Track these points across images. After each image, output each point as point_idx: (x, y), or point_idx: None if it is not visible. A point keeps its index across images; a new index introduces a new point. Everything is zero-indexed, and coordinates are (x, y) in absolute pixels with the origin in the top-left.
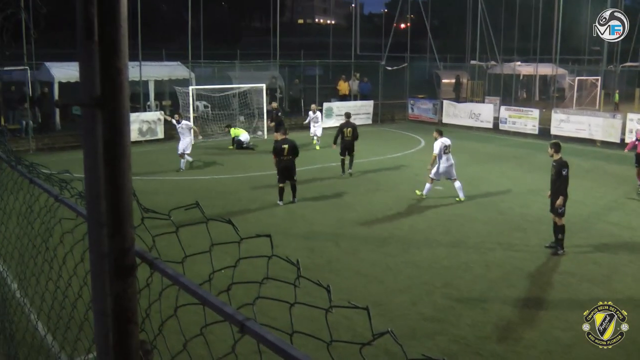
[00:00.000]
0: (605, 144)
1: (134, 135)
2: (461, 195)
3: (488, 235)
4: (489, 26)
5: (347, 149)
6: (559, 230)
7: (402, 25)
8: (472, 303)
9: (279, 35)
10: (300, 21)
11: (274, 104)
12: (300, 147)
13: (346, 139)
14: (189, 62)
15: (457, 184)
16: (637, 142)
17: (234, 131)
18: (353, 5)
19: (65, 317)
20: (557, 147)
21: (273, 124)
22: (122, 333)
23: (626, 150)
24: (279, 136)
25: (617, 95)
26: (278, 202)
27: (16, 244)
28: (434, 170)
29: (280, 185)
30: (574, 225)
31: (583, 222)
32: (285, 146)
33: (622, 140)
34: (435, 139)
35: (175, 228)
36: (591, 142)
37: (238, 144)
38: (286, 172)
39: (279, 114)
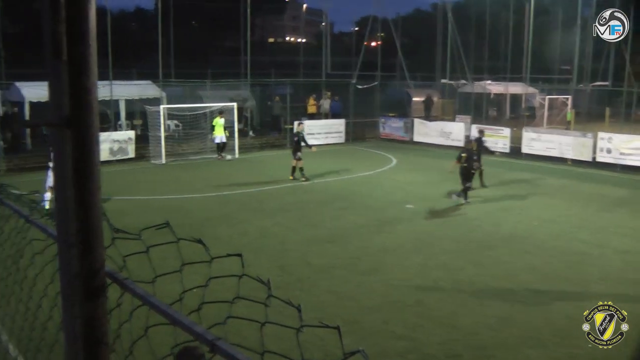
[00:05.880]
0: (577, 162)
1: (105, 155)
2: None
3: (458, 254)
4: (459, 45)
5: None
6: None
7: (373, 44)
8: (443, 321)
9: (250, 54)
10: (271, 40)
11: (301, 126)
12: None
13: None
14: (159, 81)
15: None
16: None
17: (217, 127)
18: (323, 24)
19: (36, 339)
20: None
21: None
22: (92, 354)
23: None
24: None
25: (569, 114)
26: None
27: None
28: None
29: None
30: (545, 243)
31: (554, 240)
32: (464, 155)
33: (594, 159)
34: None
35: (145, 248)
36: (562, 160)
37: (218, 146)
38: (461, 176)
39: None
